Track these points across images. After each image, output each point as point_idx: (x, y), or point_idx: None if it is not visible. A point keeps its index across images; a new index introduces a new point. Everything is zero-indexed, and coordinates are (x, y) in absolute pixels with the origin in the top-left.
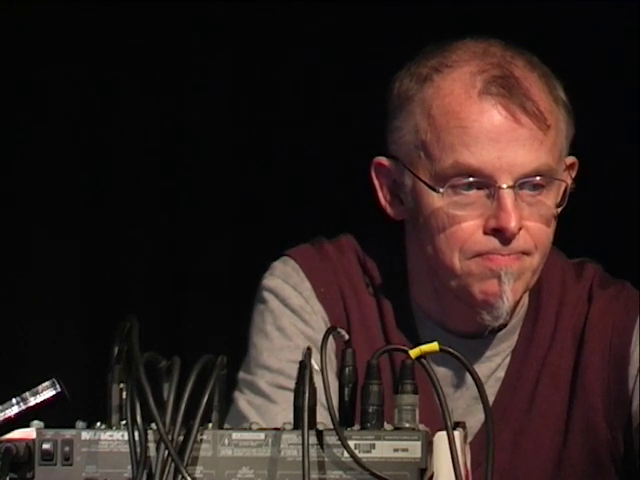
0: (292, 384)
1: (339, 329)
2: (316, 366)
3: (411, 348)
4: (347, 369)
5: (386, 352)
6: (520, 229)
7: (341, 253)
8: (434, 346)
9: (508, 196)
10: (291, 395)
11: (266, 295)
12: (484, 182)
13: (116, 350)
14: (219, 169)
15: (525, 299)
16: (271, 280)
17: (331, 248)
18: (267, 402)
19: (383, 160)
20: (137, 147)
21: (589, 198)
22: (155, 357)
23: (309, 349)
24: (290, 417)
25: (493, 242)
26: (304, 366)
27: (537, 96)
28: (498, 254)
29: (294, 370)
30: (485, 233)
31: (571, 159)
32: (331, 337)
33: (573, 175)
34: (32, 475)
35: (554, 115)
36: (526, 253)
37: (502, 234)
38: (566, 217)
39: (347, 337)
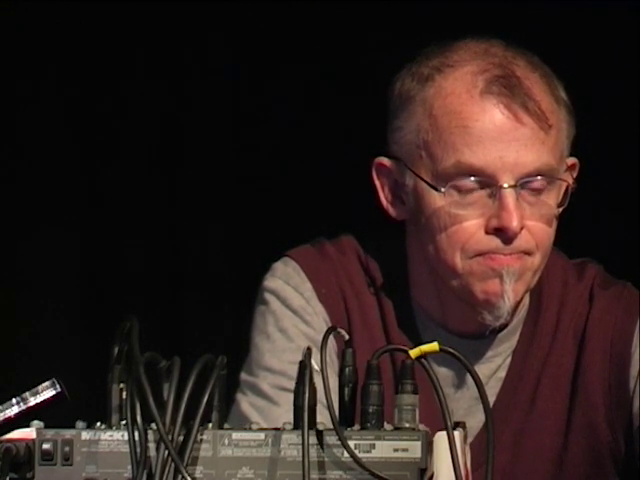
0: (288, 383)
1: (339, 329)
2: (316, 366)
3: (411, 348)
4: (347, 369)
5: (386, 352)
6: (522, 229)
7: (342, 253)
8: (434, 346)
9: (510, 195)
10: (291, 396)
11: (267, 296)
12: (486, 182)
13: (116, 350)
14: (219, 169)
15: (526, 299)
16: (272, 281)
17: (332, 249)
18: (270, 404)
19: (384, 160)
20: (138, 147)
21: (589, 198)
22: (155, 357)
23: (309, 349)
24: (289, 418)
25: (495, 242)
26: (304, 366)
27: (539, 96)
28: (500, 253)
29: (296, 372)
30: (487, 232)
31: (572, 160)
32: (333, 338)
33: (574, 176)
34: (32, 475)
35: (555, 115)
36: (527, 253)
37: (504, 234)
38: (566, 217)
39: (347, 337)
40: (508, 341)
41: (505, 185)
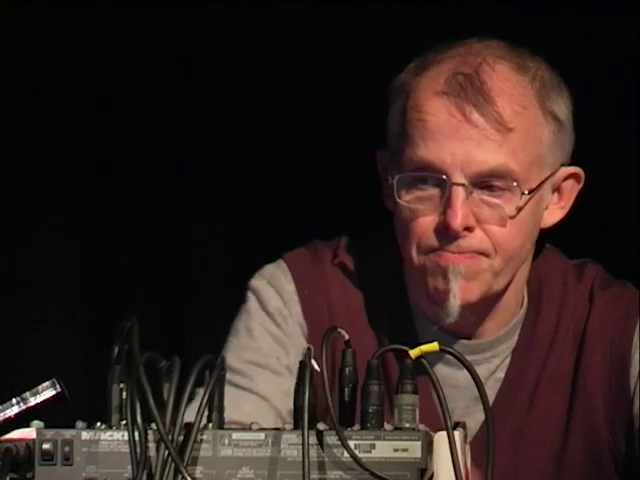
0: (249, 384)
1: (339, 329)
2: (316, 366)
3: (411, 348)
4: (347, 369)
5: (386, 352)
6: (468, 228)
7: (336, 256)
8: (434, 346)
9: (457, 193)
10: (243, 394)
11: (248, 295)
12: (439, 178)
13: (116, 350)
14: (220, 169)
15: (525, 300)
16: (256, 280)
17: (326, 251)
18: None
19: (382, 152)
20: (139, 145)
21: (590, 199)
22: (155, 357)
23: (309, 349)
24: (233, 415)
25: (444, 239)
26: (304, 366)
27: (502, 99)
28: (448, 251)
29: (253, 372)
30: (437, 229)
31: (571, 169)
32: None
33: (579, 186)
34: (32, 475)
35: (526, 120)
36: (483, 254)
37: (447, 231)
38: (566, 217)
39: (347, 337)
40: (506, 341)
41: (455, 182)
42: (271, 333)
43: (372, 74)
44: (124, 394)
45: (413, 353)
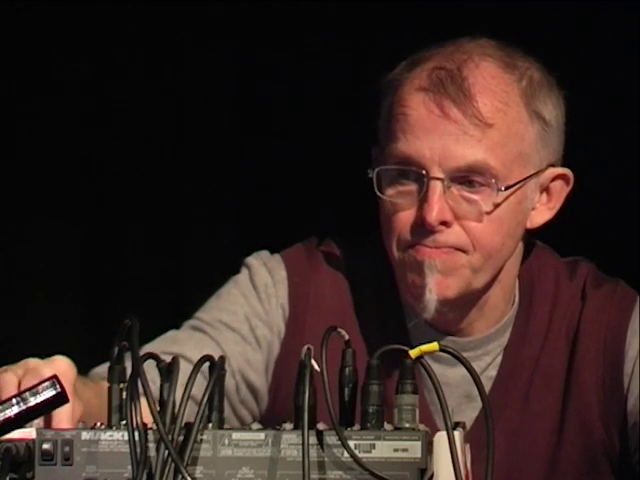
0: (216, 335)
1: (339, 329)
2: (316, 366)
3: (411, 348)
4: (347, 369)
5: (386, 352)
6: (445, 223)
7: (328, 250)
8: (434, 346)
9: (435, 188)
10: (207, 340)
11: (242, 269)
12: (418, 172)
13: (116, 350)
14: (221, 168)
15: (516, 298)
16: (252, 258)
17: (321, 247)
18: (177, 332)
19: (376, 148)
20: (140, 141)
21: (582, 196)
22: (155, 357)
23: (309, 349)
24: (194, 356)
25: (422, 234)
26: (304, 366)
27: (483, 95)
28: (424, 246)
29: (223, 329)
30: (415, 224)
31: (559, 170)
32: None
33: (568, 187)
34: (32, 475)
35: (507, 118)
36: (461, 249)
37: (424, 226)
38: (561, 216)
39: (347, 337)
40: (498, 339)
41: (432, 176)
42: (251, 305)
43: (373, 73)
44: (124, 394)
45: (413, 353)
